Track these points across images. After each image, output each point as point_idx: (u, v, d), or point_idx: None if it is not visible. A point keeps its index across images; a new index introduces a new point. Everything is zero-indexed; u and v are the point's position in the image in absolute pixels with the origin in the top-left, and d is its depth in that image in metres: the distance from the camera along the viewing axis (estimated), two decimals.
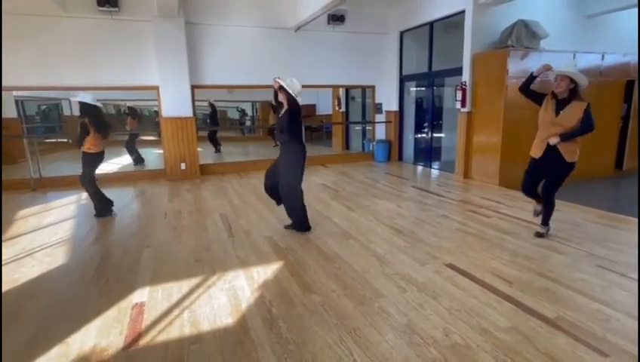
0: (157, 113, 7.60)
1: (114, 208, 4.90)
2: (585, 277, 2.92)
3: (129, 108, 9.00)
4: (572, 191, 5.48)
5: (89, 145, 4.50)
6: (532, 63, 5.60)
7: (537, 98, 3.60)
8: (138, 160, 8.83)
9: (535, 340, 2.15)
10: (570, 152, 3.43)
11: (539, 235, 3.76)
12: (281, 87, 3.72)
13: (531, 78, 3.57)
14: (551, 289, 2.73)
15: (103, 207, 4.78)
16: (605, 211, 4.59)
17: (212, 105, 10.69)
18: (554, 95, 3.45)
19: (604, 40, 7.21)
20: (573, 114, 3.36)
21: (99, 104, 4.64)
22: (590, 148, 6.66)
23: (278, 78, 3.77)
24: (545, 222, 3.77)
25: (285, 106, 3.79)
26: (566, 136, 3.37)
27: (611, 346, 2.09)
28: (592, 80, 6.32)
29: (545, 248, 3.50)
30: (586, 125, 3.34)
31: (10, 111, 8.81)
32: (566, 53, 6.12)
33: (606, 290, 2.71)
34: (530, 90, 3.61)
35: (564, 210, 4.62)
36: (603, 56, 6.44)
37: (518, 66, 5.68)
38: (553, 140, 3.40)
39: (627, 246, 3.50)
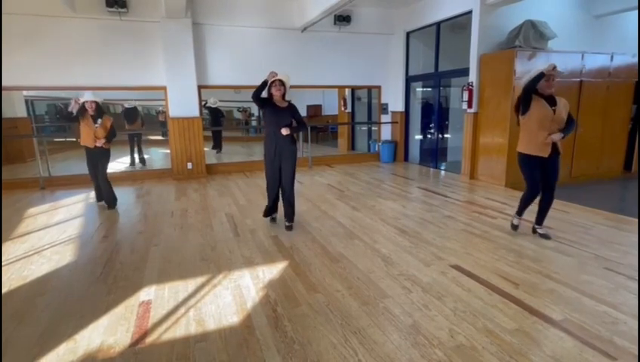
0: (157, 113, 7.58)
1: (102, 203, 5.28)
2: (592, 279, 2.90)
3: (126, 110, 8.77)
4: (580, 193, 5.46)
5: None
6: (539, 64, 5.54)
7: (531, 100, 3.52)
8: (138, 161, 8.70)
9: (541, 342, 2.14)
10: (561, 146, 3.60)
11: (546, 236, 3.74)
12: (281, 82, 3.88)
13: (541, 75, 3.44)
14: (557, 291, 2.71)
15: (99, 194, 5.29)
16: (613, 213, 4.55)
17: (211, 109, 10.41)
18: (541, 95, 3.48)
19: (613, 40, 7.15)
20: (563, 110, 3.50)
21: (98, 98, 4.92)
22: (599, 150, 6.64)
23: (276, 73, 3.88)
24: (541, 222, 3.80)
25: (285, 101, 3.99)
26: (567, 132, 3.48)
27: (619, 349, 2.07)
28: (601, 81, 6.36)
29: (551, 250, 3.48)
30: (573, 120, 3.54)
31: (20, 111, 8.95)
32: (574, 54, 6.08)
33: (613, 293, 2.68)
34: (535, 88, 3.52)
35: (572, 212, 4.59)
36: (612, 56, 6.37)
37: (525, 67, 5.63)
38: (557, 137, 3.46)
39: (635, 249, 3.46)
